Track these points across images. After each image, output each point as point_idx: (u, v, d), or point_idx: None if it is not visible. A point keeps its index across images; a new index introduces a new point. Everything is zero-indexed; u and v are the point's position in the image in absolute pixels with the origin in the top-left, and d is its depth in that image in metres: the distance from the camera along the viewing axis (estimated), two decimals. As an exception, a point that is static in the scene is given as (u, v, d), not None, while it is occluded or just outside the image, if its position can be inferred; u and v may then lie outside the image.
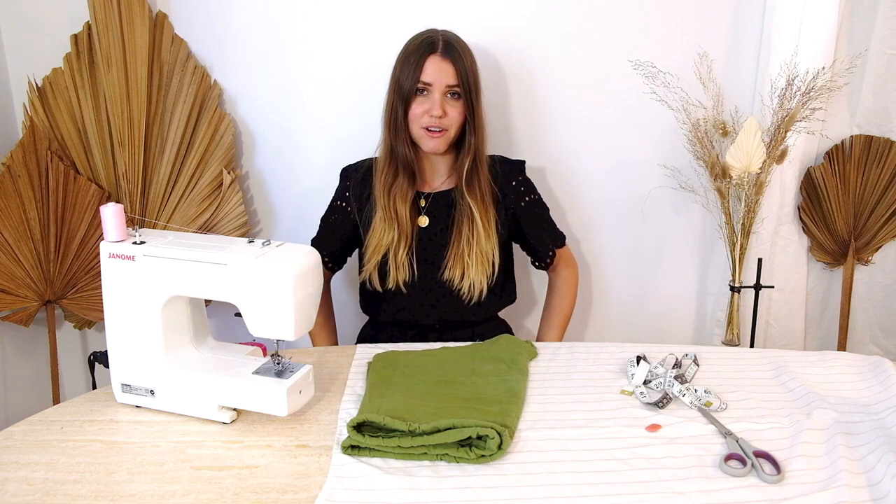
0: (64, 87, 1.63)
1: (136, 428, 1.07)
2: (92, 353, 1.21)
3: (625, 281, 1.90)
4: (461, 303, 1.46)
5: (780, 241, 1.81)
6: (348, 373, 1.24)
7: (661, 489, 0.92)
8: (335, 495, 0.90)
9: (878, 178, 1.76)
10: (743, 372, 1.24)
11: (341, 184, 1.54)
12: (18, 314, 1.66)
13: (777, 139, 1.62)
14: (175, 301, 1.09)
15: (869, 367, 1.23)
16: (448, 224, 1.46)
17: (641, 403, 1.13)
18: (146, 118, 1.65)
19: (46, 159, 1.61)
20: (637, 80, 1.67)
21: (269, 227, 1.85)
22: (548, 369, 1.25)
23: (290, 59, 1.70)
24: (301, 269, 1.03)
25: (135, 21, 1.60)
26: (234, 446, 1.02)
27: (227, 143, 1.70)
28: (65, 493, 0.91)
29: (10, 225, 1.59)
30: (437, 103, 1.39)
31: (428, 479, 0.94)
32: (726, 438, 1.02)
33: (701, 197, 1.78)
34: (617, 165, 1.79)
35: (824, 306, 1.93)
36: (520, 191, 1.52)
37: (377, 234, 1.44)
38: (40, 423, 1.08)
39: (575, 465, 0.97)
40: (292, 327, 1.04)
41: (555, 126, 1.76)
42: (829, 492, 0.89)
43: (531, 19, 1.68)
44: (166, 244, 1.07)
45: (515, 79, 1.72)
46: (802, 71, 1.60)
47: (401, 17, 1.65)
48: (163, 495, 0.91)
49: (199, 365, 1.12)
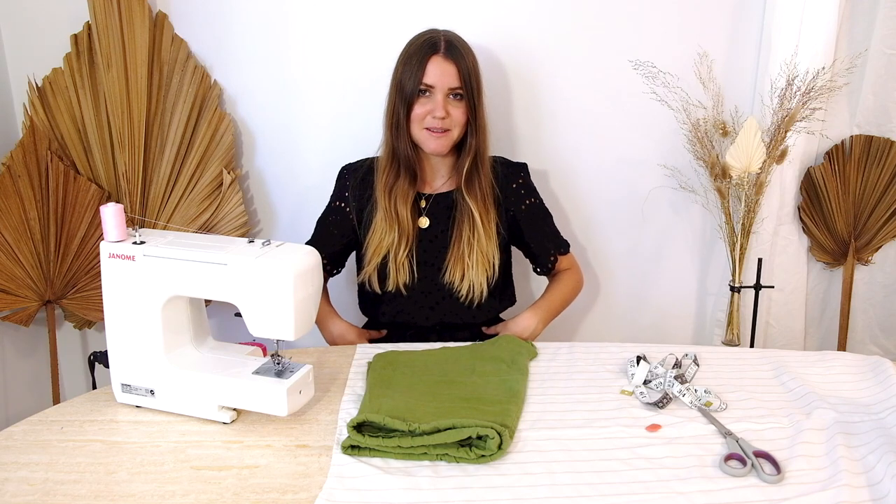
0: (64, 87, 1.63)
1: (136, 428, 1.07)
2: (92, 353, 1.21)
3: (625, 281, 1.90)
4: (461, 305, 1.46)
5: (780, 241, 1.81)
6: (348, 373, 1.24)
7: (661, 489, 0.92)
8: (335, 495, 0.90)
9: (878, 178, 1.76)
10: (743, 372, 1.24)
11: (340, 183, 1.54)
12: (18, 314, 1.66)
13: (777, 139, 1.62)
14: (175, 301, 1.09)
15: (869, 367, 1.23)
16: (448, 226, 1.46)
17: (641, 403, 1.13)
18: (146, 118, 1.65)
19: (46, 159, 1.61)
20: (637, 80, 1.67)
21: (269, 227, 1.85)
22: (548, 369, 1.25)
23: (290, 59, 1.70)
24: (301, 269, 1.03)
25: (135, 21, 1.60)
26: (234, 446, 1.02)
27: (227, 143, 1.70)
28: (65, 493, 0.91)
29: (10, 225, 1.59)
30: (440, 104, 1.38)
31: (428, 479, 0.94)
32: (726, 438, 1.02)
33: (701, 197, 1.78)
34: (617, 165, 1.79)
35: (824, 306, 1.93)
36: (520, 194, 1.52)
37: (377, 235, 1.44)
38: (40, 423, 1.08)
39: (575, 465, 0.97)
40: (292, 327, 1.04)
41: (555, 126, 1.76)
42: (829, 492, 0.89)
43: (531, 19, 1.68)
44: (166, 244, 1.07)
45: (515, 79, 1.72)
46: (802, 71, 1.60)
47: (401, 17, 1.65)
48: (163, 495, 0.91)
49: (199, 365, 1.12)
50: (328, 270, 1.57)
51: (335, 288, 1.67)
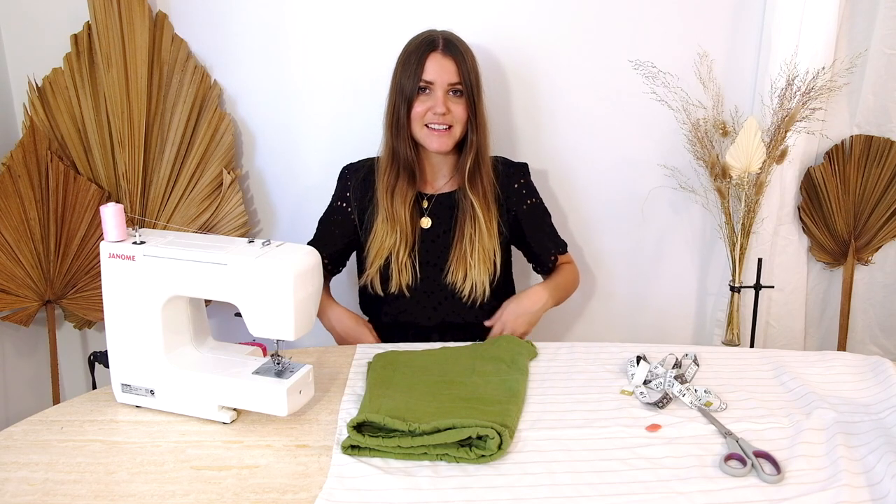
0: (64, 87, 1.63)
1: (136, 428, 1.07)
2: (92, 353, 1.20)
3: (625, 281, 1.90)
4: (463, 305, 1.46)
5: (780, 241, 1.81)
6: (348, 373, 1.24)
7: (661, 489, 0.91)
8: (335, 495, 0.90)
9: (878, 178, 1.76)
10: (743, 372, 1.24)
11: (341, 184, 1.54)
12: (18, 314, 1.66)
13: (777, 139, 1.62)
14: (175, 301, 1.09)
15: (869, 367, 1.22)
16: (451, 226, 1.46)
17: (641, 403, 1.13)
18: (146, 118, 1.65)
19: (46, 159, 1.61)
20: (637, 80, 1.67)
21: (269, 227, 1.85)
22: (548, 369, 1.25)
23: (290, 59, 1.70)
24: (301, 269, 1.03)
25: (135, 21, 1.60)
26: (234, 446, 1.02)
27: (227, 143, 1.70)
28: (65, 493, 0.91)
29: (10, 225, 1.59)
30: (440, 100, 1.39)
31: (428, 479, 0.94)
32: (726, 438, 1.02)
33: (701, 197, 1.78)
34: (617, 165, 1.79)
35: (824, 306, 1.93)
36: (521, 194, 1.52)
37: (379, 237, 1.44)
38: (40, 423, 1.08)
39: (575, 465, 0.97)
40: (292, 327, 1.04)
41: (555, 126, 1.76)
42: (829, 492, 0.89)
43: (531, 20, 1.68)
44: (166, 244, 1.07)
45: (516, 79, 1.72)
46: (802, 71, 1.60)
47: (401, 18, 1.65)
48: (163, 495, 0.91)
49: (199, 365, 1.12)
50: (329, 270, 1.56)
51: (335, 288, 1.67)
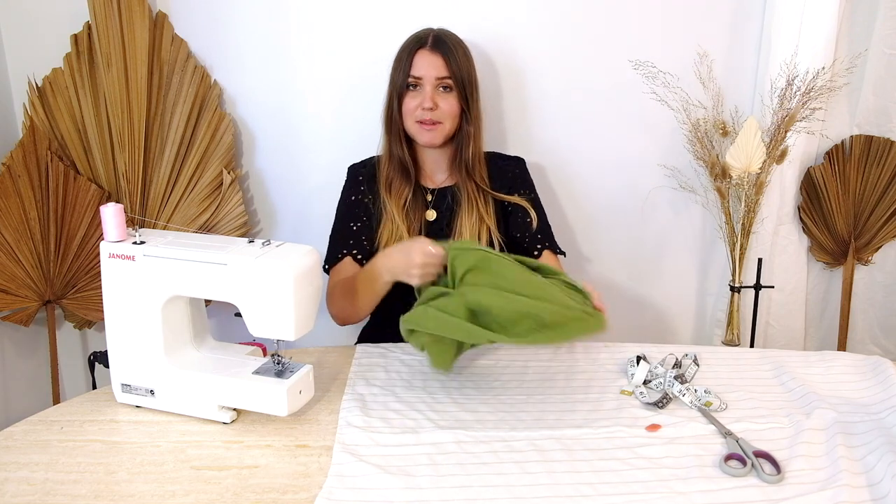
0: (64, 87, 1.63)
1: (136, 428, 1.07)
2: (92, 353, 1.20)
3: (625, 281, 1.90)
4: None
5: (780, 241, 1.81)
6: (348, 373, 1.24)
7: (661, 489, 0.91)
8: (335, 495, 0.90)
9: (878, 178, 1.76)
10: (743, 372, 1.24)
11: (352, 179, 1.53)
12: (18, 314, 1.66)
13: (777, 139, 1.62)
14: (175, 301, 1.09)
15: (869, 368, 1.22)
16: (452, 218, 1.47)
17: (641, 403, 1.13)
18: (146, 118, 1.65)
19: (46, 159, 1.61)
20: (637, 80, 1.67)
21: (270, 228, 1.85)
22: (548, 369, 1.25)
23: (290, 59, 1.70)
24: (301, 269, 1.03)
25: (135, 21, 1.60)
26: (234, 446, 1.02)
27: (227, 143, 1.70)
28: (65, 493, 0.91)
29: (10, 225, 1.59)
30: (428, 96, 1.40)
31: (428, 479, 0.94)
32: (726, 438, 1.02)
33: (701, 197, 1.78)
34: (617, 165, 1.79)
35: (824, 306, 1.93)
36: (516, 183, 1.53)
37: (386, 234, 1.44)
38: (40, 423, 1.08)
39: (575, 464, 0.97)
40: (292, 327, 1.04)
41: (555, 126, 1.76)
42: (829, 492, 0.89)
43: (530, 20, 1.68)
44: (166, 244, 1.07)
45: (515, 79, 1.72)
46: (802, 71, 1.60)
47: (400, 17, 1.65)
48: (163, 495, 0.91)
49: (199, 365, 1.12)
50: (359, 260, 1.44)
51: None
